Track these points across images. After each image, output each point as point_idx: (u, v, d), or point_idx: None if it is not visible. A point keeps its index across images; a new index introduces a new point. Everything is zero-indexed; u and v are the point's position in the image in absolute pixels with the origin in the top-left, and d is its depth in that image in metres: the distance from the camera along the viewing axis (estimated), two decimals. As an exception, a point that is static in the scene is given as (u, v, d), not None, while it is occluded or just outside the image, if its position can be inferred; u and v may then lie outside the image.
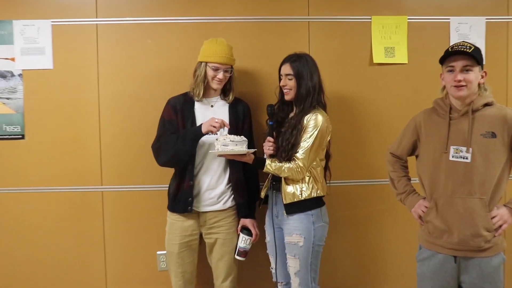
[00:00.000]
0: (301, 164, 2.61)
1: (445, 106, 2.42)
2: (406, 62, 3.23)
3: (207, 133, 2.65)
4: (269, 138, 2.69)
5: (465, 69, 2.33)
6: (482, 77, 2.37)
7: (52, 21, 3.11)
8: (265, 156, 2.72)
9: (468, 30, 3.22)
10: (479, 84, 2.37)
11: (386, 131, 3.22)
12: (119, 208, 3.19)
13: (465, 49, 2.31)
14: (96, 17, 3.12)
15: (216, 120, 2.62)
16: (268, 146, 2.67)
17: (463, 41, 2.38)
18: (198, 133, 2.67)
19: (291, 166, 2.61)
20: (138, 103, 3.14)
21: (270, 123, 2.70)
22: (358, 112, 3.24)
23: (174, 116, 2.78)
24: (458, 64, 2.33)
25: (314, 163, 2.68)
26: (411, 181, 2.65)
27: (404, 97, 3.23)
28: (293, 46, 2.85)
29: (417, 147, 2.55)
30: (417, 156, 2.57)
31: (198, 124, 2.77)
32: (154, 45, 3.14)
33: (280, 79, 2.76)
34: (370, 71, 3.22)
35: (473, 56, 2.29)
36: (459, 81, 2.31)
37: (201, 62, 2.77)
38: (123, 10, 3.12)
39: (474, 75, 2.33)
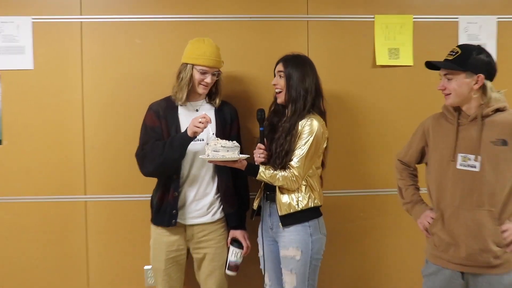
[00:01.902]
0: (296, 173, 2.60)
1: (454, 111, 2.41)
2: (412, 64, 3.21)
3: (194, 136, 2.63)
4: (260, 145, 2.69)
5: (446, 78, 2.35)
6: (476, 82, 2.32)
7: (33, 18, 3.08)
8: (256, 164, 2.71)
9: (478, 30, 3.21)
10: (485, 90, 2.34)
11: (390, 137, 3.22)
12: (103, 219, 3.16)
13: (448, 56, 2.34)
14: (81, 14, 3.09)
15: (200, 120, 2.59)
16: (258, 154, 2.67)
17: (456, 47, 2.39)
18: (185, 138, 2.64)
19: (286, 174, 2.60)
20: (125, 107, 3.13)
21: (261, 129, 2.70)
22: (360, 117, 3.23)
23: (158, 123, 2.77)
24: (441, 72, 2.38)
25: (310, 171, 2.67)
26: (420, 191, 2.65)
27: (409, 101, 3.23)
28: (290, 47, 2.84)
29: (425, 154, 2.54)
30: (426, 164, 2.56)
31: (183, 130, 2.74)
32: (142, 45, 3.13)
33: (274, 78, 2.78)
34: (372, 73, 3.21)
35: (452, 62, 2.31)
36: (443, 89, 2.36)
37: (187, 64, 2.75)
38: (110, 7, 3.10)
39: (456, 82, 2.33)
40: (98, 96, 3.13)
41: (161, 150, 2.67)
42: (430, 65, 2.42)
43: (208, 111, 2.83)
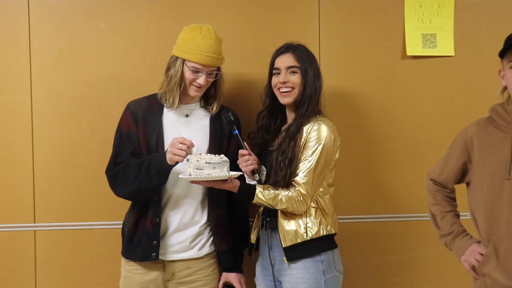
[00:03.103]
0: (303, 191, 2.59)
1: (507, 115, 2.40)
2: (453, 54, 3.22)
3: (174, 164, 2.62)
4: (242, 151, 2.71)
5: None
6: None
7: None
8: (247, 179, 2.74)
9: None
10: None
11: (421, 149, 3.23)
12: (57, 252, 3.16)
13: None
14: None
15: (180, 144, 2.58)
16: (244, 161, 2.68)
17: None
18: (164, 165, 2.63)
19: (290, 194, 2.59)
20: (86, 110, 3.15)
21: (235, 132, 2.75)
22: (383, 122, 3.24)
23: (134, 128, 2.77)
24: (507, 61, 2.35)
25: (321, 190, 2.68)
26: (460, 218, 2.63)
27: (449, 102, 3.24)
28: (297, 33, 2.87)
29: (467, 172, 2.52)
30: (468, 184, 2.54)
31: (166, 140, 2.76)
32: (110, 32, 3.15)
33: (270, 77, 2.80)
34: (401, 67, 3.21)
35: None
36: None
37: (177, 58, 2.76)
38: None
39: None
40: (50, 96, 3.14)
41: (135, 174, 2.67)
42: (508, 47, 2.34)
43: (201, 118, 2.86)
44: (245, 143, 2.73)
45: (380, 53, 3.22)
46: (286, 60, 2.73)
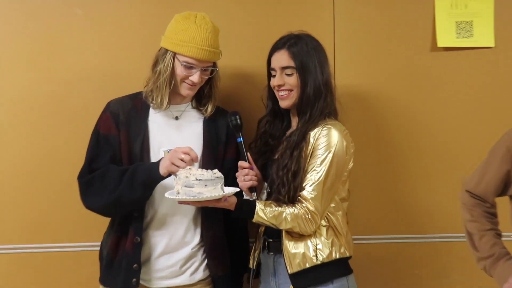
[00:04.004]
0: (311, 208, 2.59)
1: None
2: (493, 45, 3.23)
3: (169, 175, 2.62)
4: (242, 163, 2.71)
5: None
6: None
7: None
8: (245, 195, 2.74)
9: None
10: None
11: (455, 156, 3.23)
12: (19, 280, 3.14)
13: None
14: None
15: (183, 155, 2.58)
16: (243, 175, 2.69)
17: None
18: (153, 175, 2.64)
19: (296, 211, 2.60)
20: (56, 111, 3.15)
21: (239, 139, 2.74)
22: (406, 126, 3.24)
23: (115, 131, 2.77)
24: None
25: (333, 205, 2.68)
26: (503, 238, 2.60)
27: (488, 101, 3.23)
28: (307, 22, 2.94)
29: (511, 183, 2.52)
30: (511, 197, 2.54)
31: (152, 146, 2.78)
32: (87, 19, 3.16)
33: (270, 77, 2.81)
34: (431, 60, 3.21)
35: None
36: None
37: (167, 51, 2.77)
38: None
39: None
40: (12, 94, 3.16)
41: (115, 184, 2.66)
42: None
43: (193, 121, 2.87)
44: (248, 154, 2.74)
45: (405, 45, 3.22)
46: (280, 59, 2.75)
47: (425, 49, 3.23)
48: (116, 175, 2.67)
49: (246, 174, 2.69)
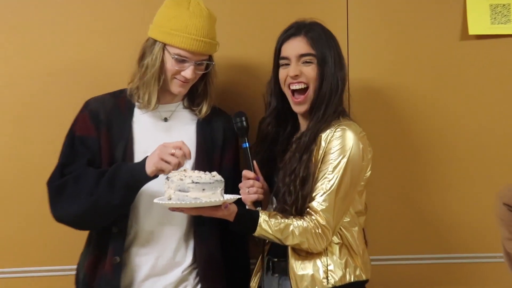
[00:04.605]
0: (322, 221, 2.57)
1: None
2: None
3: (156, 176, 2.61)
4: (247, 173, 2.73)
5: None
6: None
7: None
8: (247, 205, 2.72)
9: None
10: None
11: (489, 162, 3.25)
12: None
13: None
14: None
15: (173, 149, 2.56)
16: (247, 187, 2.70)
17: None
18: (138, 175, 2.62)
19: (305, 225, 2.58)
20: (24, 112, 3.19)
21: (244, 145, 2.77)
22: (432, 127, 3.25)
23: (94, 132, 2.78)
24: None
25: (347, 219, 2.67)
26: None
27: None
28: (316, 8, 2.96)
29: None
30: None
31: (137, 152, 2.78)
32: (64, 3, 3.20)
33: (276, 70, 2.82)
34: (461, 51, 3.23)
35: None
36: None
37: (155, 41, 2.77)
38: None
39: None
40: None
41: (92, 186, 2.64)
42: None
43: (185, 122, 2.89)
44: (254, 162, 2.75)
45: (430, 33, 3.22)
46: (297, 46, 2.74)
47: (454, 38, 3.25)
48: (94, 177, 2.67)
49: (251, 186, 2.70)
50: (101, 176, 2.66)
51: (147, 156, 2.63)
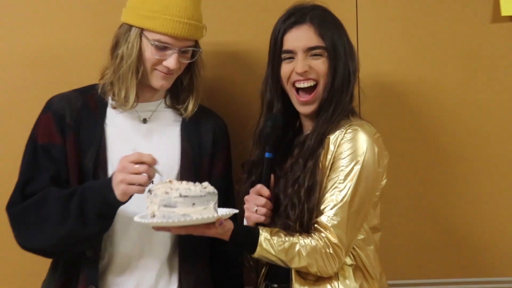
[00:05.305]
0: (333, 239, 2.54)
1: None
2: None
3: (127, 199, 2.57)
4: (262, 189, 2.68)
5: None
6: None
7: None
8: (245, 222, 2.72)
9: None
10: None
11: None
12: None
13: None
14: None
15: (136, 166, 2.52)
16: (257, 204, 2.66)
17: None
18: (110, 202, 2.57)
19: (313, 243, 2.55)
20: None
21: (267, 155, 2.71)
22: (459, 127, 3.27)
23: (59, 139, 2.74)
24: None
25: (361, 236, 2.66)
26: None
27: None
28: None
29: None
30: None
31: (111, 160, 2.77)
32: None
33: (276, 61, 2.79)
34: (492, 35, 3.25)
35: None
36: None
37: (131, 27, 2.74)
38: None
39: None
40: None
41: (58, 216, 2.60)
42: None
43: (167, 124, 2.89)
44: (272, 176, 2.72)
45: (456, 16, 3.25)
46: (304, 37, 2.72)
47: (483, 21, 3.25)
48: (59, 204, 2.62)
49: (263, 205, 2.66)
50: (67, 201, 2.62)
51: (112, 176, 2.60)
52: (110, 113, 2.81)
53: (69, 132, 2.74)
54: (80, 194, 2.60)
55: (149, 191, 2.49)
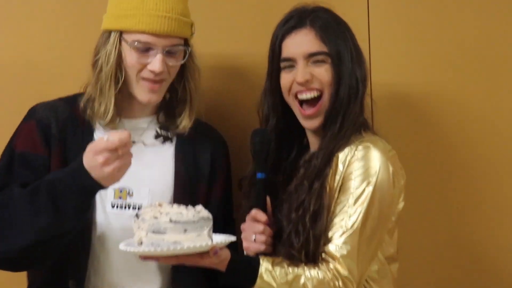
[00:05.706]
0: (343, 271, 2.44)
1: None
2: None
3: (106, 186, 2.47)
4: (258, 214, 2.59)
5: None
6: None
7: None
8: (245, 252, 2.65)
9: None
10: None
11: None
12: None
13: None
14: None
15: (109, 143, 2.37)
16: (254, 232, 2.59)
17: None
18: (91, 186, 2.46)
19: (320, 275, 2.44)
20: None
21: (259, 175, 2.65)
22: (485, 140, 3.14)
23: (43, 149, 2.68)
24: None
25: (375, 267, 2.56)
26: None
27: None
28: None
29: None
30: None
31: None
32: None
33: (274, 71, 2.73)
34: None
35: None
36: None
37: (111, 32, 2.67)
38: None
39: None
40: None
41: (27, 217, 2.50)
42: None
43: (160, 146, 2.83)
44: (268, 199, 2.66)
45: (481, 18, 3.15)
46: (304, 42, 2.66)
47: (509, 30, 3.14)
48: (25, 202, 2.53)
49: (261, 233, 2.55)
50: (34, 193, 2.52)
51: (82, 158, 2.45)
52: (99, 128, 2.73)
53: (55, 143, 2.68)
54: (47, 185, 2.51)
55: (136, 215, 2.42)
